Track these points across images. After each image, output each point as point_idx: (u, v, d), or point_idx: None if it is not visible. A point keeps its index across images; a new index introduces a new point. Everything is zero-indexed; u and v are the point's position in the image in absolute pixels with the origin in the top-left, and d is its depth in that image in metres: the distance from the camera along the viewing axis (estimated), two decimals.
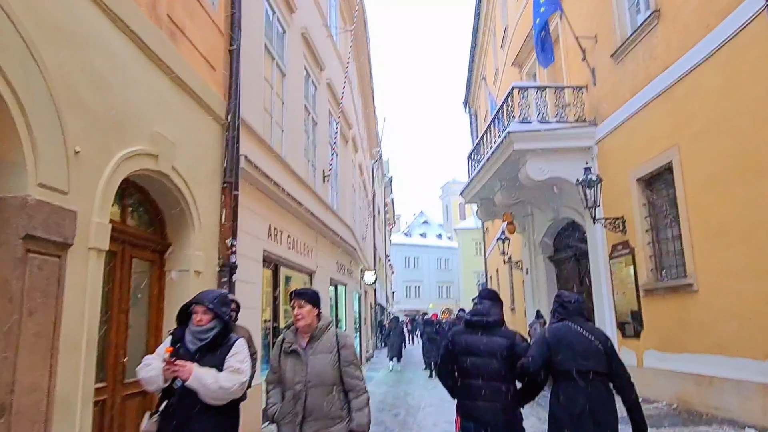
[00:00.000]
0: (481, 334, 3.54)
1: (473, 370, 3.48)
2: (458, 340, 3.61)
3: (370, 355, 20.49)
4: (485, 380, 3.44)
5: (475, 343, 3.51)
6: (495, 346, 3.47)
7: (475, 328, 3.59)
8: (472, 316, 3.66)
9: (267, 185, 6.63)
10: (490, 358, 3.45)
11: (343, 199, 12.93)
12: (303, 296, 3.32)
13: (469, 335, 3.59)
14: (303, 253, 8.77)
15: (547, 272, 13.47)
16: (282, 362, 3.22)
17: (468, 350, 3.52)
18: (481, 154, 13.74)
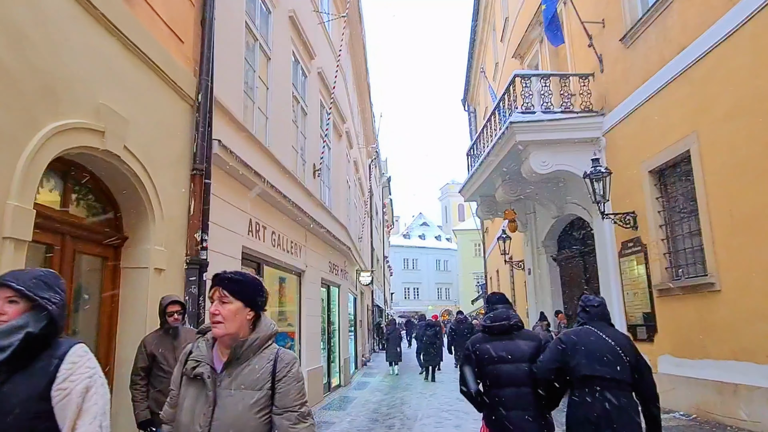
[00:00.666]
0: (505, 339, 3.39)
1: (504, 378, 3.29)
2: (481, 349, 3.41)
3: (367, 359, 19.84)
4: (517, 387, 3.27)
5: (502, 349, 3.35)
6: (523, 349, 3.34)
7: (497, 333, 3.42)
8: (493, 322, 3.47)
9: (247, 175, 6.00)
10: (520, 363, 3.30)
11: (336, 196, 12.30)
12: (228, 284, 1.97)
13: (492, 342, 3.41)
14: (290, 251, 8.14)
15: (551, 272, 12.86)
16: (183, 391, 1.98)
17: (495, 358, 3.34)
18: (481, 149, 13.14)
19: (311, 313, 9.21)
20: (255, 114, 7.03)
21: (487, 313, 3.70)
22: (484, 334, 3.52)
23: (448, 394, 10.59)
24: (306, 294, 8.93)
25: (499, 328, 3.43)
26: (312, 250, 9.46)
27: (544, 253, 13.04)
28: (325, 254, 10.53)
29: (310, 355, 8.94)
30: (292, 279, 8.82)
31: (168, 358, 3.83)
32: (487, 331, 3.49)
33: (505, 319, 3.45)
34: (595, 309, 3.45)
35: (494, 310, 3.56)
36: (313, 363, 9.08)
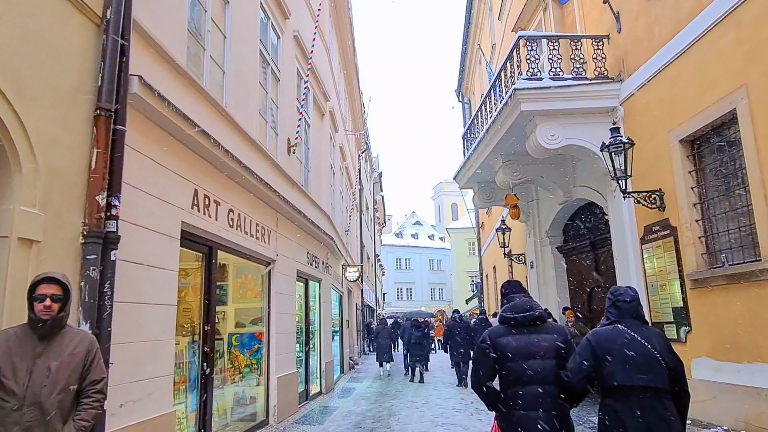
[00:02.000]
0: (529, 332, 3.11)
1: (527, 375, 3.00)
2: (502, 343, 3.10)
3: (356, 362, 18.52)
4: (542, 385, 2.98)
5: (526, 343, 3.07)
6: (550, 344, 3.07)
7: (521, 326, 3.13)
8: (516, 313, 3.16)
9: (186, 130, 4.68)
10: (547, 359, 3.03)
11: (317, 180, 10.99)
12: None
13: (514, 335, 3.11)
14: (256, 236, 6.83)
15: (556, 265, 11.61)
16: None
17: (519, 352, 3.05)
18: (477, 131, 11.90)
19: (284, 311, 7.90)
20: (206, 63, 5.71)
21: (503, 303, 3.38)
22: (504, 327, 3.18)
23: (442, 403, 9.30)
24: (277, 288, 7.62)
25: (523, 320, 3.10)
26: (285, 236, 8.15)
27: (548, 245, 11.79)
28: (302, 243, 9.22)
29: (281, 360, 7.64)
30: (258, 270, 7.52)
31: (19, 371, 2.50)
32: (509, 323, 3.15)
33: (528, 310, 3.14)
34: (628, 305, 3.09)
35: (511, 300, 3.27)
36: (285, 368, 7.77)
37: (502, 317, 3.23)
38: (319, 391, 10.41)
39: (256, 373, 7.37)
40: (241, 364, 7.37)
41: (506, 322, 3.17)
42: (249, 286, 7.58)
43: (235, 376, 7.28)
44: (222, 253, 6.06)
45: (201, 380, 5.32)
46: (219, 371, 7.01)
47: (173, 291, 4.59)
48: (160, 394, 4.20)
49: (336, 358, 14.04)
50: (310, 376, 9.70)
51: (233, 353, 7.36)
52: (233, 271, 7.56)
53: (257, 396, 7.30)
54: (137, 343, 3.97)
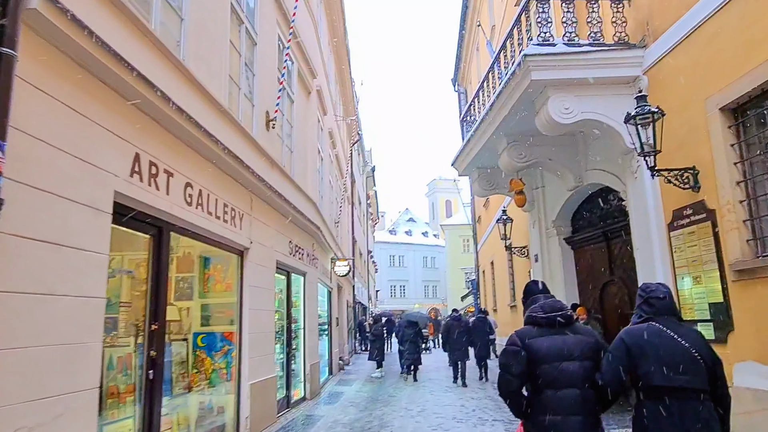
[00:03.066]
0: (562, 333, 2.93)
1: (563, 378, 2.81)
2: (534, 344, 2.90)
3: (347, 362, 17.52)
4: (580, 389, 2.81)
5: (560, 344, 2.88)
6: (584, 344, 2.91)
7: (552, 326, 2.93)
8: (548, 313, 2.97)
9: (124, 77, 3.64)
10: (584, 361, 2.86)
11: (302, 163, 9.96)
12: None
13: (546, 336, 2.91)
14: (224, 218, 5.80)
15: (564, 258, 10.63)
16: None
17: (552, 354, 2.85)
18: (477, 114, 10.91)
19: (260, 307, 6.88)
20: (156, 3, 4.66)
21: (526, 304, 3.28)
22: (534, 328, 3.01)
23: (440, 411, 8.32)
24: (251, 280, 6.59)
25: (554, 320, 2.96)
26: (262, 222, 7.12)
27: (555, 236, 10.82)
28: (283, 231, 8.19)
29: (256, 363, 6.62)
30: (228, 259, 6.50)
31: None
32: (539, 323, 2.99)
33: (559, 310, 3.03)
34: (662, 302, 2.93)
35: (536, 301, 3.14)
36: (260, 373, 6.75)
37: (531, 318, 3.06)
38: (302, 396, 9.40)
39: (225, 378, 6.35)
40: (208, 369, 6.34)
41: (536, 322, 3.00)
42: (218, 278, 6.55)
43: (201, 383, 6.26)
44: (178, 237, 5.03)
45: (145, 389, 4.28)
46: (181, 377, 6.00)
47: (100, 280, 3.56)
48: (73, 415, 3.16)
49: (324, 358, 13.03)
50: (292, 380, 8.68)
51: (199, 356, 6.34)
52: (200, 261, 6.53)
53: (226, 406, 6.28)
54: (37, 348, 2.94)
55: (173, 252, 6.30)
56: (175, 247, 6.30)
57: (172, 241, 5.21)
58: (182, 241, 5.92)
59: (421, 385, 11.83)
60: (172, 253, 6.24)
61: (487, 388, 10.82)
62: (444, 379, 12.90)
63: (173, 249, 6.29)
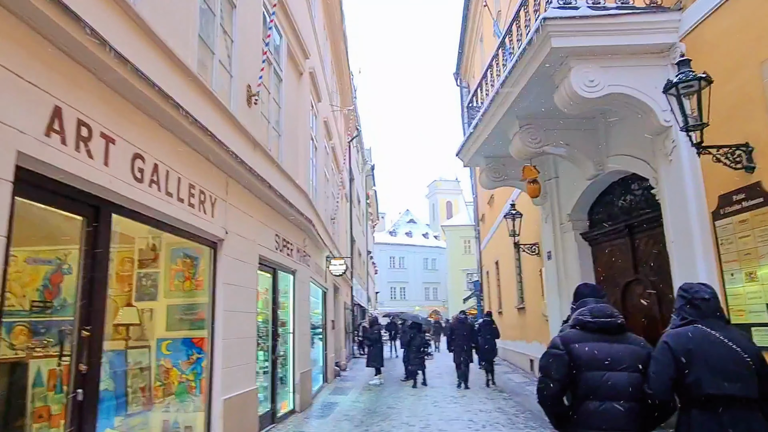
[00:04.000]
0: (610, 340, 2.74)
1: (609, 388, 2.60)
2: (578, 350, 2.70)
3: (344, 367, 16.54)
4: (628, 402, 2.59)
5: (608, 351, 2.68)
6: (634, 354, 2.70)
7: (601, 332, 2.76)
8: (596, 317, 2.79)
9: (34, 2, 2.69)
10: (633, 372, 2.63)
11: (293, 151, 9.02)
12: None
13: (594, 343, 2.73)
14: (189, 201, 4.85)
15: (581, 255, 9.66)
16: None
17: (599, 362, 2.66)
18: (484, 98, 9.98)
19: (238, 308, 5.92)
20: None
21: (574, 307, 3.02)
22: (581, 332, 2.79)
23: (446, 427, 7.38)
24: (226, 277, 5.64)
25: (605, 326, 2.75)
26: (241, 210, 6.17)
27: (570, 231, 9.85)
28: (267, 222, 7.25)
29: (232, 375, 5.66)
30: (198, 252, 5.54)
31: None
32: (588, 328, 2.78)
33: (610, 316, 2.80)
34: (707, 303, 2.73)
35: (585, 305, 2.91)
36: (237, 386, 5.79)
37: (580, 321, 2.86)
38: (291, 409, 8.42)
39: (193, 393, 5.39)
40: (174, 381, 5.39)
41: (584, 326, 2.83)
42: (188, 274, 5.60)
43: (165, 398, 5.30)
44: (126, 220, 4.06)
45: (72, 414, 3.32)
46: (140, 391, 5.06)
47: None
48: None
49: (318, 364, 12.06)
50: (278, 391, 7.71)
51: (163, 366, 5.39)
52: (166, 254, 5.58)
53: (195, 425, 5.31)
54: None
55: (134, 244, 5.37)
56: (137, 238, 5.39)
57: (123, 228, 4.26)
58: (145, 230, 4.99)
59: (423, 394, 10.86)
60: (133, 245, 5.31)
61: (496, 398, 9.86)
62: (448, 386, 11.94)
63: (134, 240, 5.36)
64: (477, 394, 10.52)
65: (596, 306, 2.87)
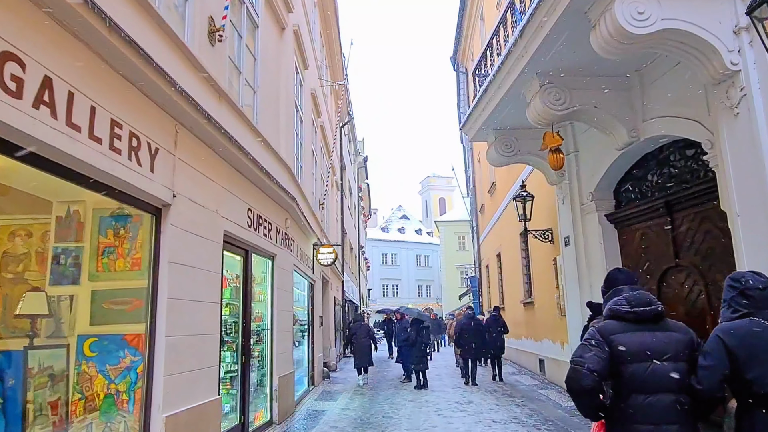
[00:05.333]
0: (651, 329, 2.55)
1: (653, 381, 2.45)
2: (618, 341, 2.52)
3: (333, 368, 15.20)
4: (674, 395, 2.44)
5: (651, 342, 2.50)
6: (679, 344, 2.52)
7: (641, 321, 2.56)
8: (634, 306, 2.59)
9: None
10: (677, 362, 2.48)
11: (271, 114, 7.67)
12: None
13: (634, 333, 2.54)
14: (113, 144, 3.49)
15: (605, 240, 8.38)
16: None
17: (641, 353, 2.48)
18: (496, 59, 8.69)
19: (189, 296, 4.57)
20: None
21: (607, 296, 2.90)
22: (619, 323, 2.60)
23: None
24: (173, 254, 4.27)
25: (645, 315, 2.56)
26: (196, 170, 4.81)
27: (593, 212, 8.58)
28: (237, 192, 5.89)
29: (181, 384, 4.30)
30: (135, 220, 4.18)
31: None
32: (626, 318, 2.58)
33: (649, 304, 2.60)
34: (762, 293, 2.54)
35: (620, 293, 2.72)
36: (189, 397, 4.44)
37: (615, 311, 2.64)
38: (268, 420, 7.06)
39: (124, 408, 4.03)
40: (100, 392, 4.03)
41: (621, 317, 2.60)
42: (121, 250, 4.23)
43: (87, 416, 3.95)
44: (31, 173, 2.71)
45: None
46: (50, 407, 3.72)
47: None
48: None
49: (303, 366, 10.71)
50: (251, 400, 6.34)
51: (86, 372, 4.03)
52: (93, 223, 4.21)
53: None
54: None
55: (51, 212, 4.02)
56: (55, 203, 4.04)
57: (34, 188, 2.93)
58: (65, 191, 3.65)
59: (423, 399, 9.56)
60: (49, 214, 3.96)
61: (508, 405, 8.57)
62: (450, 390, 10.64)
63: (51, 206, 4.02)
64: (485, 399, 9.23)
65: (632, 294, 2.68)
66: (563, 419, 7.28)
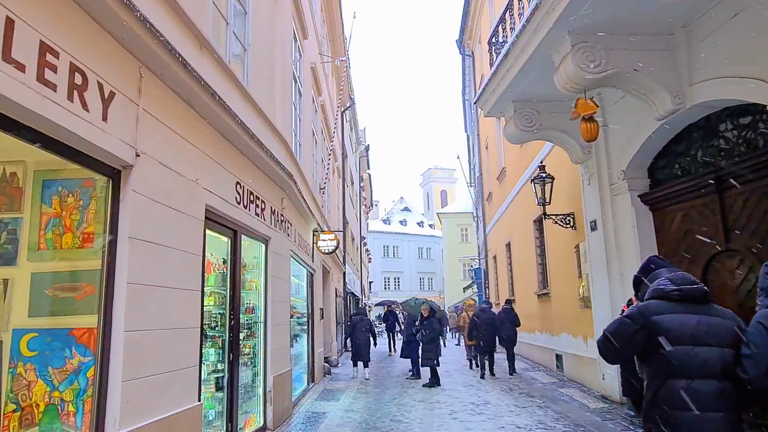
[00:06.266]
0: (697, 311, 2.39)
1: (698, 365, 2.31)
2: (661, 321, 2.37)
3: (335, 362, 14.39)
4: (717, 380, 2.30)
5: (696, 324, 2.35)
6: (723, 329, 2.35)
7: (687, 301, 2.41)
8: (680, 285, 2.45)
9: None
10: (723, 348, 2.33)
11: (265, 79, 6.79)
12: None
13: (679, 314, 2.38)
14: (45, 78, 2.60)
15: (639, 223, 7.52)
16: None
17: (686, 335, 2.34)
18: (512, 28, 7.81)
19: (160, 281, 3.70)
20: None
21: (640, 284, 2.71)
22: (663, 302, 2.44)
23: None
24: (135, 229, 3.39)
25: (692, 293, 2.42)
26: (167, 126, 3.92)
27: (625, 192, 7.72)
28: (221, 161, 5.01)
29: (145, 390, 3.45)
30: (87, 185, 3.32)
31: None
32: (670, 297, 2.43)
33: (694, 282, 2.48)
34: None
35: (658, 276, 2.58)
36: (157, 407, 3.58)
37: (659, 291, 2.49)
38: (261, 425, 6.21)
39: (71, 423, 3.17)
40: (39, 403, 3.18)
41: (665, 296, 2.46)
42: (69, 222, 3.37)
43: (23, 429, 3.10)
44: None
45: None
46: None
47: None
48: None
49: (302, 362, 9.87)
50: (239, 403, 5.48)
51: (22, 377, 3.18)
52: (34, 189, 3.35)
53: None
54: None
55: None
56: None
57: None
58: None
59: (435, 399, 8.71)
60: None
61: (529, 406, 7.74)
62: (462, 388, 9.81)
63: None
64: (502, 399, 8.39)
65: (677, 274, 2.54)
66: (596, 424, 6.44)
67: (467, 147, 32.90)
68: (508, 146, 15.38)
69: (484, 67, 18.47)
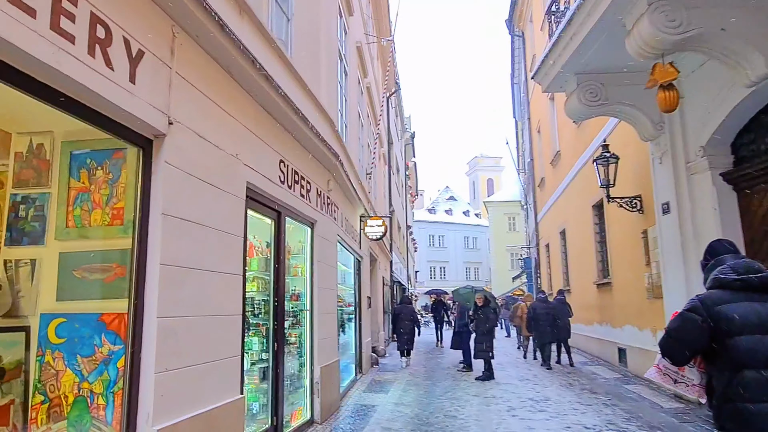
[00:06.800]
0: (760, 300, 2.27)
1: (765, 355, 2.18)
2: (725, 312, 2.27)
3: (383, 353, 14.08)
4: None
5: (761, 312, 2.24)
6: None
7: (751, 290, 2.29)
8: (742, 274, 2.32)
9: None
10: None
11: (310, 55, 6.42)
12: None
13: (744, 303, 2.27)
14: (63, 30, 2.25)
15: (721, 205, 6.76)
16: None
17: (752, 324, 2.22)
18: None
19: (198, 263, 3.39)
20: None
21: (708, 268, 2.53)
22: (726, 292, 2.33)
23: None
24: (168, 204, 3.08)
25: (758, 282, 2.28)
26: (204, 94, 3.58)
27: (705, 170, 6.96)
28: (262, 134, 4.66)
29: (181, 382, 3.14)
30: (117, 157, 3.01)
31: None
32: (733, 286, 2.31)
33: (758, 271, 2.33)
34: None
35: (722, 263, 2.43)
36: (196, 401, 3.29)
37: (720, 279, 2.38)
38: (309, 419, 5.91)
39: (101, 417, 2.89)
40: (68, 393, 2.91)
41: (728, 285, 2.34)
42: (98, 197, 3.08)
43: (51, 425, 2.85)
44: None
45: None
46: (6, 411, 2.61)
47: None
48: None
49: (349, 352, 9.56)
50: (285, 395, 5.18)
51: (50, 366, 2.92)
52: (62, 161, 3.07)
53: None
54: None
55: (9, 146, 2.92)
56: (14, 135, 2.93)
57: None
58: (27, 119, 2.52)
59: (490, 393, 8.22)
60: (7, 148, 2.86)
61: (594, 403, 7.15)
62: (519, 383, 9.27)
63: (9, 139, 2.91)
64: (563, 395, 7.82)
65: (739, 262, 2.40)
66: (672, 426, 5.82)
67: (515, 133, 31.89)
68: (563, 128, 14.57)
69: (535, 47, 17.59)
